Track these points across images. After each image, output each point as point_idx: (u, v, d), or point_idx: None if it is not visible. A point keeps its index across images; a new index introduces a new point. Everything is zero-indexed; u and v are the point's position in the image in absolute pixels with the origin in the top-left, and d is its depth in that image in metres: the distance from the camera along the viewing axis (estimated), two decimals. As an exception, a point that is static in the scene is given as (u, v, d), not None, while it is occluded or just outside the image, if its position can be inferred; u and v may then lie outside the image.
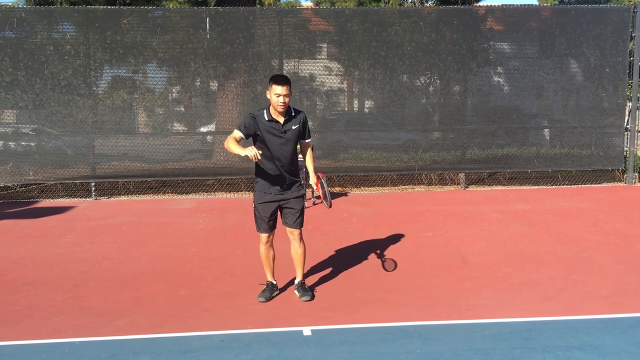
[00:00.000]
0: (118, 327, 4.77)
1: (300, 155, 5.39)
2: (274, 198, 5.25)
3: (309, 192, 5.59)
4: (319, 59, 12.11)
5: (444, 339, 4.44)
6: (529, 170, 11.64)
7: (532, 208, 9.33)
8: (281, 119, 5.12)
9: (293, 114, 5.19)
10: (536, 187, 11.42)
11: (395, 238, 7.49)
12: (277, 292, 5.48)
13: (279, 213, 5.36)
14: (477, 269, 6.29)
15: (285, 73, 11.12)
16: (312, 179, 5.39)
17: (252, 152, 4.78)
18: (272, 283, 5.45)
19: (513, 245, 7.20)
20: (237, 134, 5.10)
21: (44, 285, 5.88)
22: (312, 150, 5.56)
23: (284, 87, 4.97)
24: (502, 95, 12.07)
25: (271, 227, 5.32)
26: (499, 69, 11.95)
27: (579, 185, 11.49)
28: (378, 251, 6.89)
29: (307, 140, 5.35)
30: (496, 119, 11.70)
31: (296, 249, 5.37)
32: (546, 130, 12.35)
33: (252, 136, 5.15)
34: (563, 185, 11.51)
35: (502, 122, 11.70)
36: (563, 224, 8.21)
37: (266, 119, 5.11)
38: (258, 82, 10.86)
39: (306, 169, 5.50)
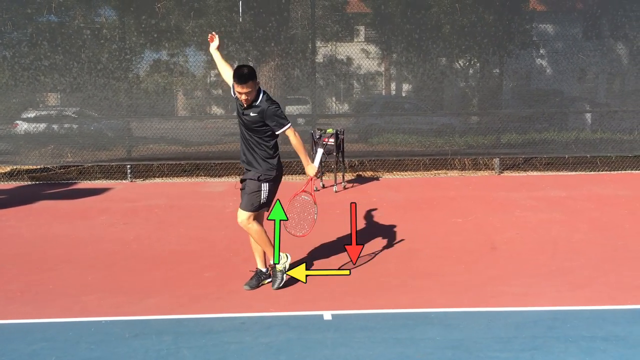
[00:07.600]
0: (145, 307, 4.89)
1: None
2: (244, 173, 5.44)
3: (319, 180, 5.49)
4: (353, 41, 11.99)
5: (465, 326, 4.40)
6: (567, 156, 11.35)
7: (567, 194, 9.11)
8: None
9: (257, 103, 5.04)
10: (573, 173, 11.14)
11: (425, 223, 7.43)
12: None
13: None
14: (506, 256, 6.20)
15: (319, 56, 11.06)
16: (305, 165, 5.30)
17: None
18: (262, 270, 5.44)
19: (545, 232, 7.06)
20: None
21: (78, 264, 6.06)
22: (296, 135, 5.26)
23: (242, 86, 4.88)
24: (541, 79, 11.75)
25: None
26: (537, 51, 11.61)
27: (619, 172, 11.16)
28: (406, 237, 6.85)
29: (280, 131, 5.14)
30: (534, 103, 11.41)
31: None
32: (587, 115, 11.99)
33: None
34: (602, 171, 11.18)
35: (540, 105, 11.40)
36: (599, 211, 8.00)
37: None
38: (290, 65, 10.84)
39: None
